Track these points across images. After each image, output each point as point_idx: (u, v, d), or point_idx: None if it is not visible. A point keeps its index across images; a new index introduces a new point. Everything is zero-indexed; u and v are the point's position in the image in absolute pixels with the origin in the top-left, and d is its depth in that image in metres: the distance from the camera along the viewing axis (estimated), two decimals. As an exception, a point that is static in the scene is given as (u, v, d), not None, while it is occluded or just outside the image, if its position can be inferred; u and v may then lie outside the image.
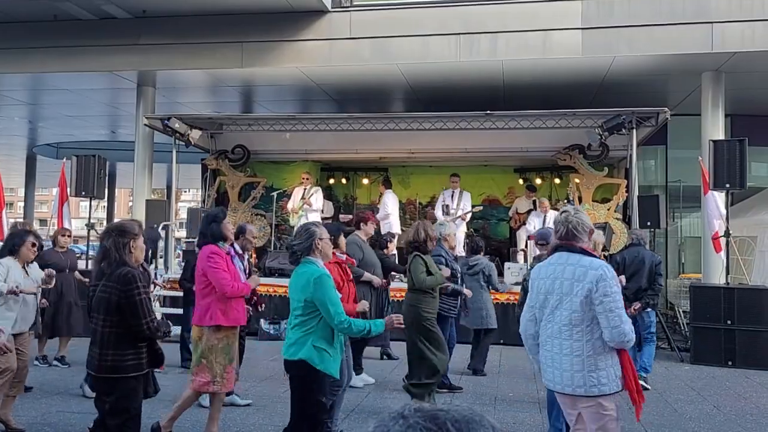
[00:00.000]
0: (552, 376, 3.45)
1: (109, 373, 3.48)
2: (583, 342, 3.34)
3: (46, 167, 21.44)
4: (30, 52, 11.02)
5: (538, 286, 3.55)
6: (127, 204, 47.09)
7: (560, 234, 3.51)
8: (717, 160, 8.80)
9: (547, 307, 3.48)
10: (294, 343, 3.82)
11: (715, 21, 9.36)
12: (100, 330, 3.51)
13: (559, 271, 3.46)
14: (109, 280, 3.50)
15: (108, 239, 3.57)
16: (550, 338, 3.46)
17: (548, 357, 3.47)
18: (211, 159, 12.53)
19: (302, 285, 3.83)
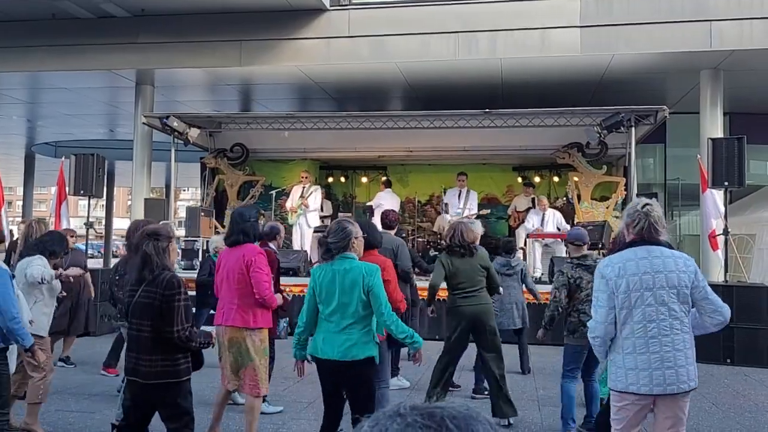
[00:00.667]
0: (663, 378, 3.19)
1: (162, 379, 3.46)
2: (690, 334, 3.28)
3: (44, 166, 21.42)
4: (29, 50, 11.01)
5: (627, 283, 3.24)
6: (125, 203, 47.10)
7: (641, 228, 3.29)
8: (715, 158, 8.81)
9: (647, 305, 3.22)
10: (355, 344, 3.73)
11: (714, 19, 9.37)
12: (145, 336, 3.46)
13: (659, 264, 3.25)
14: (152, 285, 3.47)
15: (147, 244, 3.54)
16: (657, 337, 3.21)
17: (656, 359, 3.19)
18: (210, 158, 12.53)
19: (353, 280, 3.74)
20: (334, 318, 3.78)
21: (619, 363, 3.29)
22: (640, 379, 3.22)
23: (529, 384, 6.97)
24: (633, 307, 3.24)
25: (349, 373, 3.78)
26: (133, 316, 3.52)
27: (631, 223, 3.33)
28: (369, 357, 3.77)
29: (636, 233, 3.31)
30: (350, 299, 3.74)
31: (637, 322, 3.23)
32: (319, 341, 3.84)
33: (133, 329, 3.53)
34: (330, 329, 3.79)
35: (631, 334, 3.25)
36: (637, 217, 3.31)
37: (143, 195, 11.69)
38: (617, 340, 3.31)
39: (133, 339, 3.52)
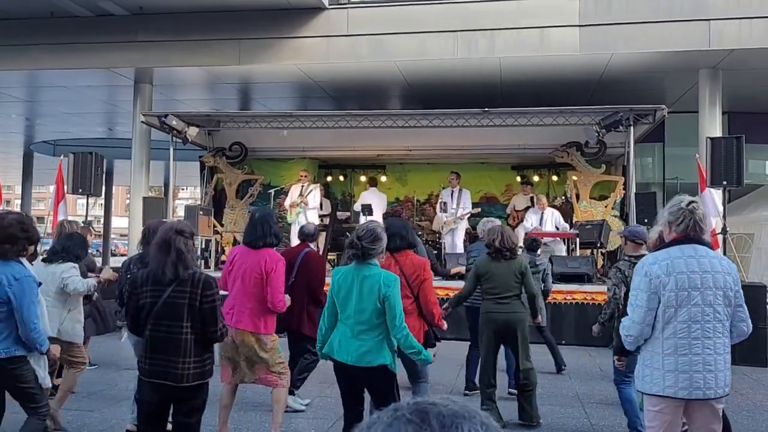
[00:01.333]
0: (703, 382, 3.09)
1: (196, 381, 3.42)
2: (729, 339, 3.22)
3: (43, 164, 21.41)
4: (27, 49, 11.00)
5: (675, 282, 3.12)
6: (124, 202, 47.06)
7: (687, 226, 3.19)
8: (714, 158, 8.81)
9: (693, 305, 3.11)
10: (369, 351, 3.71)
11: (713, 18, 9.38)
12: (178, 337, 3.37)
13: (707, 264, 3.15)
14: (186, 285, 3.39)
15: (178, 241, 3.44)
16: (699, 339, 3.10)
17: (697, 361, 3.09)
18: (209, 156, 12.52)
19: (373, 288, 3.70)
20: (349, 322, 3.78)
21: (657, 365, 3.16)
22: (679, 382, 3.10)
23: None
24: (679, 306, 3.12)
25: (363, 378, 3.81)
26: (162, 317, 3.39)
27: (675, 221, 3.23)
28: (383, 365, 3.75)
29: (681, 231, 3.21)
30: (366, 306, 3.72)
31: (682, 322, 3.12)
32: (335, 343, 3.84)
33: (162, 331, 3.40)
34: (346, 333, 3.79)
35: (673, 335, 3.12)
36: (681, 215, 3.21)
37: (142, 194, 11.68)
38: (656, 340, 3.17)
39: (161, 341, 3.40)
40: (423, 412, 0.85)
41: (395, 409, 0.87)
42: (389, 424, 0.85)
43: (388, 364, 3.77)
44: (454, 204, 11.32)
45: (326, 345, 3.93)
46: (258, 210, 5.14)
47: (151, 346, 3.44)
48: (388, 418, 0.86)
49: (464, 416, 0.85)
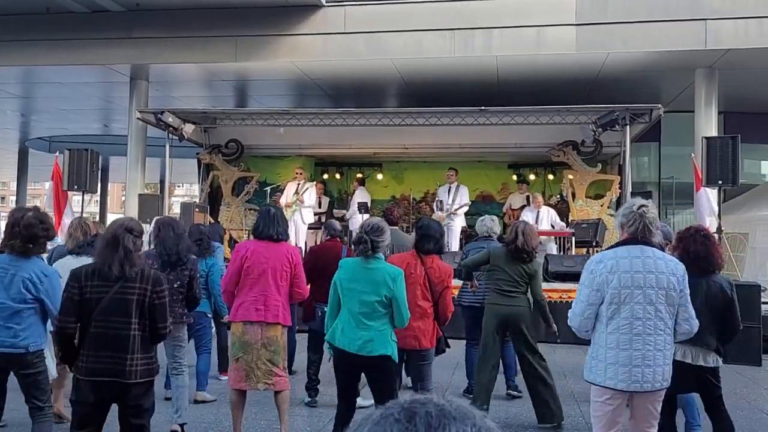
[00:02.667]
0: (641, 376, 3.30)
1: (145, 377, 3.39)
2: (671, 336, 3.39)
3: (38, 161, 21.33)
4: (23, 44, 10.95)
5: (619, 280, 3.32)
6: (120, 198, 46.94)
7: (636, 228, 3.38)
8: (710, 157, 8.82)
9: (635, 303, 3.30)
10: (370, 340, 3.86)
11: (709, 18, 9.40)
12: (125, 334, 3.32)
13: (651, 264, 3.33)
14: (135, 281, 3.35)
15: (128, 239, 3.40)
16: (641, 336, 3.29)
17: (638, 356, 3.29)
18: (205, 153, 12.50)
19: (380, 280, 3.88)
20: (353, 312, 3.91)
21: (601, 357, 3.37)
22: (619, 375, 3.31)
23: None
24: (622, 303, 3.31)
25: (364, 367, 3.93)
26: (109, 313, 3.32)
27: (626, 222, 3.42)
28: (385, 355, 3.88)
29: (631, 233, 3.40)
30: (371, 297, 3.87)
31: (624, 318, 3.31)
32: (338, 331, 3.97)
33: (109, 327, 3.32)
34: (350, 322, 3.92)
35: (616, 330, 3.32)
36: (632, 218, 3.40)
37: (137, 190, 11.65)
38: (601, 334, 3.37)
39: (107, 338, 3.31)
40: (411, 411, 0.84)
41: (386, 408, 0.86)
42: (377, 423, 0.85)
43: (391, 355, 3.90)
44: (450, 200, 11.29)
45: (329, 332, 4.04)
46: (271, 207, 5.06)
47: (95, 343, 3.33)
48: (378, 416, 0.85)
49: (454, 417, 0.84)
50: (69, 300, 3.37)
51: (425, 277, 4.51)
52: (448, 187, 11.45)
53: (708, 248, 4.00)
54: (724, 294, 4.02)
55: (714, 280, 4.04)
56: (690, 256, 3.95)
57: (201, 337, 5.89)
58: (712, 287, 4.01)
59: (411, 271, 4.44)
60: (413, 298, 4.37)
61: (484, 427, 0.85)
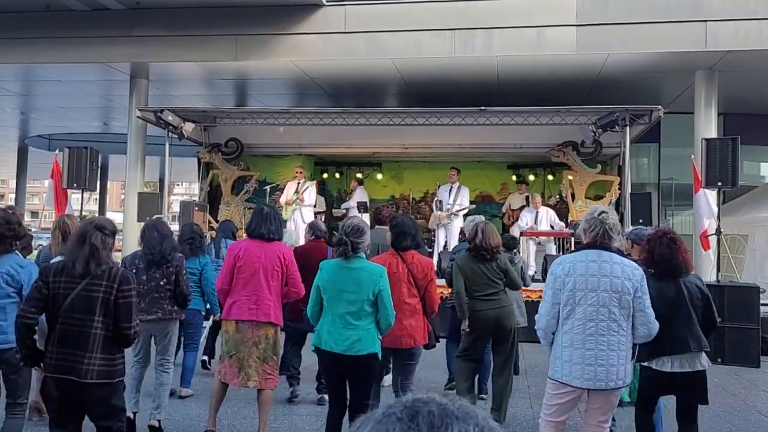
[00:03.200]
0: (594, 373, 3.48)
1: (102, 378, 3.30)
2: (626, 337, 3.53)
3: (37, 159, 21.31)
4: (22, 42, 10.94)
5: (574, 282, 3.52)
6: (119, 197, 46.91)
7: (596, 233, 3.57)
8: (709, 159, 8.83)
9: (588, 305, 3.48)
10: (358, 340, 3.91)
11: (709, 19, 9.40)
12: (89, 332, 3.28)
13: (606, 269, 3.50)
14: (101, 279, 3.32)
15: (95, 236, 3.36)
16: (593, 336, 3.47)
17: (590, 355, 3.48)
18: (205, 152, 12.49)
19: (365, 279, 3.93)
20: (339, 313, 3.94)
21: (557, 354, 3.59)
22: (573, 372, 3.51)
23: (522, 380, 6.99)
24: (576, 305, 3.50)
25: (352, 366, 3.95)
26: (74, 310, 3.29)
27: (588, 228, 3.63)
28: (372, 353, 3.95)
29: (591, 238, 3.60)
30: (356, 297, 3.91)
31: (578, 319, 3.50)
32: (323, 333, 3.98)
33: (73, 324, 3.29)
34: (335, 323, 3.95)
35: (570, 330, 3.52)
36: (593, 224, 3.59)
37: (137, 189, 11.64)
38: (559, 333, 3.58)
39: (71, 335, 3.28)
40: (414, 411, 0.84)
41: (388, 406, 0.86)
42: (379, 421, 0.84)
43: (377, 352, 3.98)
44: (450, 200, 11.28)
45: (314, 336, 4.06)
46: (265, 206, 5.09)
47: (59, 339, 3.31)
48: (380, 415, 0.85)
49: (457, 417, 0.84)
50: (36, 291, 3.37)
51: (408, 274, 4.52)
52: (449, 186, 11.44)
53: (672, 251, 4.02)
54: (702, 292, 4.08)
55: (689, 280, 4.09)
56: (655, 258, 4.04)
57: (191, 335, 5.94)
58: (691, 290, 4.04)
59: (393, 270, 4.43)
60: (400, 296, 4.37)
61: (487, 427, 0.85)
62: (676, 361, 3.93)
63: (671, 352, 3.92)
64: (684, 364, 3.94)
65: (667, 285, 3.99)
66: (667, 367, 3.94)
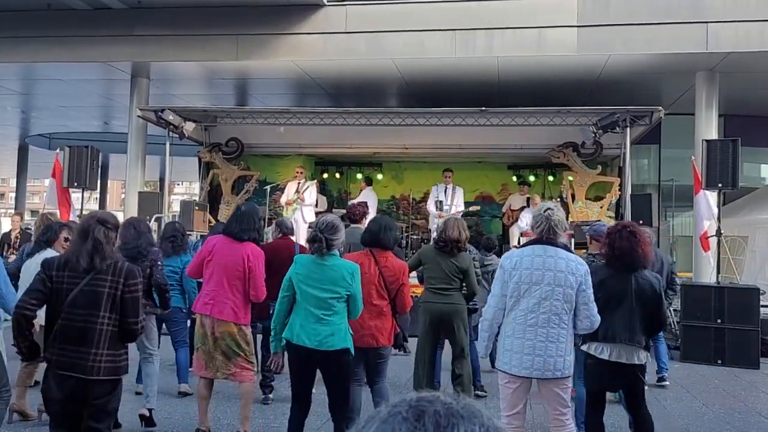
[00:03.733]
0: (531, 363, 3.61)
1: (108, 375, 3.25)
2: (568, 329, 3.66)
3: (37, 158, 21.31)
4: (23, 41, 10.94)
5: (520, 276, 3.65)
6: (119, 196, 46.91)
7: (542, 229, 3.70)
8: (710, 160, 8.83)
9: (531, 297, 3.62)
10: (331, 334, 3.92)
11: (710, 21, 9.39)
12: (94, 327, 3.21)
13: (550, 263, 3.63)
14: (107, 274, 3.26)
15: (99, 231, 3.31)
16: (534, 327, 3.61)
17: (529, 345, 3.61)
18: (205, 152, 12.49)
19: (338, 276, 3.95)
20: (312, 308, 3.94)
21: (501, 344, 3.75)
22: (513, 361, 3.65)
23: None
24: (521, 297, 3.65)
25: (323, 362, 3.96)
26: (78, 305, 3.22)
27: (535, 224, 3.76)
28: (344, 348, 3.96)
29: (538, 233, 3.74)
30: (330, 294, 3.94)
31: (521, 310, 3.65)
32: (296, 327, 3.97)
33: (76, 320, 3.21)
34: (308, 317, 3.95)
35: (513, 320, 3.67)
36: (539, 220, 3.73)
37: (137, 188, 11.64)
38: (503, 324, 3.74)
39: (75, 330, 3.21)
40: (419, 410, 0.84)
41: (393, 405, 0.86)
42: (384, 421, 0.84)
43: (349, 348, 4.00)
44: (448, 201, 11.32)
45: (285, 329, 4.04)
46: (244, 204, 5.18)
47: (62, 335, 3.23)
48: (385, 414, 0.85)
49: (462, 416, 0.83)
50: (40, 283, 3.29)
51: (379, 276, 4.48)
52: (444, 187, 11.48)
53: (632, 244, 4.02)
54: (653, 290, 4.07)
55: (643, 276, 4.08)
56: (615, 251, 4.06)
57: (177, 333, 5.98)
58: (641, 283, 4.05)
59: (364, 271, 4.39)
60: (368, 297, 4.35)
61: (492, 426, 0.85)
62: (614, 351, 3.99)
63: (603, 338, 3.98)
64: (621, 354, 3.99)
65: (618, 276, 4.04)
66: (605, 355, 3.99)
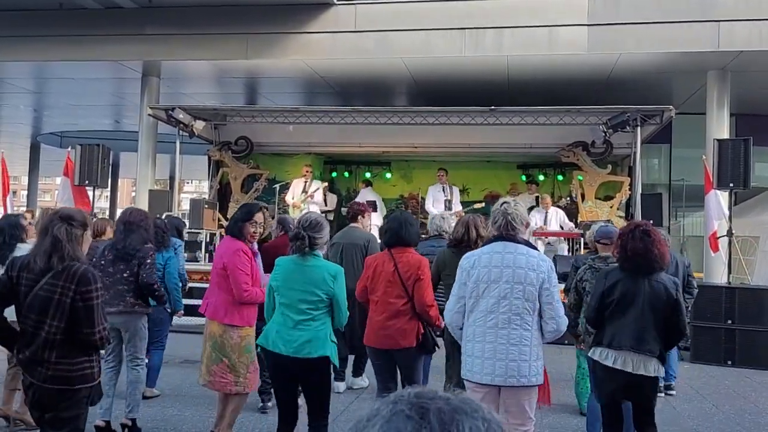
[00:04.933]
0: (492, 368, 3.29)
1: (57, 384, 3.01)
2: (532, 331, 3.34)
3: (49, 156, 21.48)
4: (35, 40, 11.03)
5: (477, 275, 3.38)
6: (129, 194, 47.18)
7: (500, 225, 3.46)
8: (721, 160, 8.78)
9: (490, 297, 3.33)
10: (309, 341, 3.62)
11: (722, 19, 9.33)
12: (45, 336, 2.98)
13: (509, 259, 3.35)
14: (59, 278, 2.99)
15: (59, 228, 3.04)
16: (493, 329, 3.32)
17: (489, 349, 3.31)
18: (215, 150, 12.54)
19: (319, 279, 3.67)
20: (290, 312, 3.68)
21: (463, 350, 3.47)
22: (475, 367, 3.36)
23: None
24: (480, 297, 3.37)
25: (300, 371, 3.66)
26: (31, 309, 3.01)
27: (493, 220, 3.52)
28: (323, 356, 3.65)
29: (496, 230, 3.49)
30: (309, 296, 3.66)
31: (480, 311, 3.37)
32: (271, 333, 3.71)
33: (30, 325, 3.02)
34: (285, 323, 3.69)
35: (473, 323, 3.39)
36: (496, 215, 3.48)
37: (147, 186, 11.71)
38: (464, 327, 3.46)
39: (28, 335, 3.03)
40: (422, 407, 0.83)
41: (394, 402, 0.85)
42: (388, 420, 0.83)
43: (329, 356, 3.68)
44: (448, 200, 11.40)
45: (260, 335, 3.81)
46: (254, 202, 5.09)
47: (22, 338, 3.08)
48: (388, 412, 0.84)
49: (465, 412, 0.83)
50: (1, 284, 3.13)
51: (395, 273, 4.24)
52: (442, 186, 11.50)
53: (647, 245, 3.71)
54: (668, 294, 3.71)
55: (657, 280, 3.74)
56: (628, 253, 3.75)
57: (157, 333, 5.72)
58: (654, 287, 3.71)
59: (381, 269, 4.27)
60: (384, 296, 4.21)
61: (493, 420, 0.85)
62: (620, 358, 3.69)
63: (608, 344, 3.73)
64: (628, 362, 3.68)
65: (629, 279, 3.74)
66: (609, 362, 3.71)
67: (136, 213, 5.13)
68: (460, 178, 13.81)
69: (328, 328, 3.71)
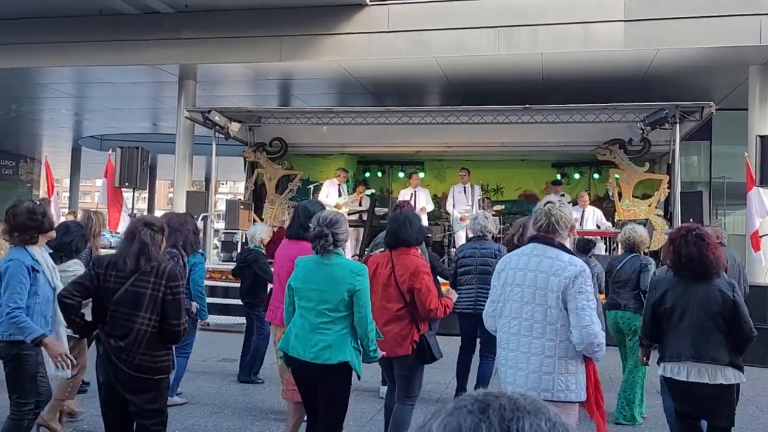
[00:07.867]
0: (514, 378, 3.11)
1: (143, 374, 3.37)
2: (556, 342, 3.05)
3: (89, 159, 22.03)
4: (76, 46, 11.33)
5: (506, 277, 3.23)
6: (166, 195, 48.03)
7: (540, 226, 3.21)
8: (764, 156, 8.57)
9: (514, 301, 3.16)
10: (329, 346, 3.45)
11: (763, 13, 9.10)
12: (130, 326, 3.34)
13: (534, 263, 3.15)
14: (150, 275, 3.37)
15: (144, 233, 3.43)
16: (516, 336, 3.13)
17: (511, 357, 3.13)
18: (250, 151, 12.70)
19: (340, 278, 3.49)
20: (309, 314, 3.54)
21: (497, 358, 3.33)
22: (507, 376, 3.15)
23: None
24: (506, 300, 3.20)
25: (319, 376, 3.52)
26: (120, 304, 3.36)
27: (534, 220, 3.27)
28: (343, 362, 3.47)
29: (536, 230, 3.26)
30: (331, 296, 3.49)
31: (506, 317, 3.20)
32: (291, 337, 3.59)
33: (120, 318, 3.37)
34: (304, 326, 3.55)
35: (501, 328, 3.24)
36: (538, 215, 3.25)
37: (185, 188, 11.92)
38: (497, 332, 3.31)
39: (119, 327, 3.37)
40: (484, 404, 0.85)
41: (459, 399, 0.87)
42: (450, 413, 0.85)
43: (350, 361, 3.49)
44: (470, 201, 11.34)
45: (281, 339, 3.70)
46: (301, 203, 4.90)
47: (110, 328, 3.40)
48: (451, 407, 0.86)
49: (528, 411, 0.84)
50: (87, 278, 3.47)
51: (391, 277, 4.08)
52: (464, 187, 11.47)
53: (702, 250, 3.55)
54: (724, 297, 3.52)
55: (712, 284, 3.57)
56: (682, 259, 3.59)
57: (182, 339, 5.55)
58: (709, 292, 3.55)
59: (379, 271, 4.11)
60: (379, 300, 3.99)
61: (559, 422, 0.84)
62: (683, 369, 3.52)
63: (669, 357, 3.58)
64: (692, 373, 3.51)
65: (680, 286, 3.60)
66: (674, 374, 3.54)
67: (174, 218, 5.14)
68: (493, 178, 13.72)
69: (350, 332, 3.52)
